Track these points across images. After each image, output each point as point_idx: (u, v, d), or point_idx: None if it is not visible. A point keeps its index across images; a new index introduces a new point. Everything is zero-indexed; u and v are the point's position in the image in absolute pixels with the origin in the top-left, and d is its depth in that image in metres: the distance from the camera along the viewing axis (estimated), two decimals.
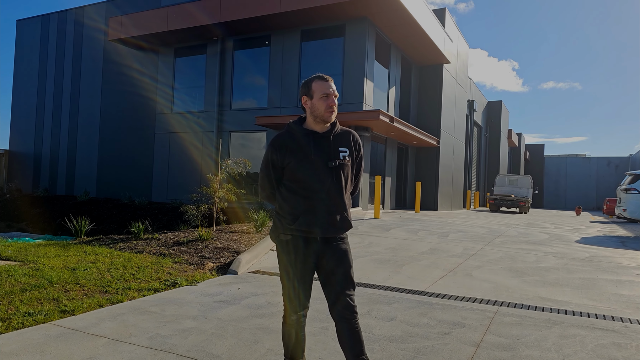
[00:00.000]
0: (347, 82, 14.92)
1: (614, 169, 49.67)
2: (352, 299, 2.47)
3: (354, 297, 2.49)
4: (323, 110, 2.48)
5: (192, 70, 18.35)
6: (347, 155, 2.53)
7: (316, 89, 2.50)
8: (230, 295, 4.70)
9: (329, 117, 2.49)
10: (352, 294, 2.48)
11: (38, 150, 22.32)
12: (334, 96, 2.50)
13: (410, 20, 15.02)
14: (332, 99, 2.48)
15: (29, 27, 23.13)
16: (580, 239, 10.28)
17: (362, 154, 2.67)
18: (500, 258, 7.00)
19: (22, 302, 4.12)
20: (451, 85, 21.34)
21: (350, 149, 2.57)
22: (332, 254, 2.49)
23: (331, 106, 2.48)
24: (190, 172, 17.52)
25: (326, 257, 2.49)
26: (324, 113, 2.48)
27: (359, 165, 2.66)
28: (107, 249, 6.89)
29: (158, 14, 17.12)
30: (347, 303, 2.44)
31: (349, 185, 2.58)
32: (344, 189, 2.51)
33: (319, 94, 2.49)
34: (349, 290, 2.47)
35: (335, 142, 2.53)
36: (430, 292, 4.96)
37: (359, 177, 2.69)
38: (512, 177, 26.33)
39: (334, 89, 2.52)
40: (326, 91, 2.48)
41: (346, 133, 2.61)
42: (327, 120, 2.50)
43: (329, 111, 2.48)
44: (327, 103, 2.47)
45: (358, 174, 2.68)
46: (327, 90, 2.48)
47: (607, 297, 4.94)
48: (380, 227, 10.22)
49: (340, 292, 2.46)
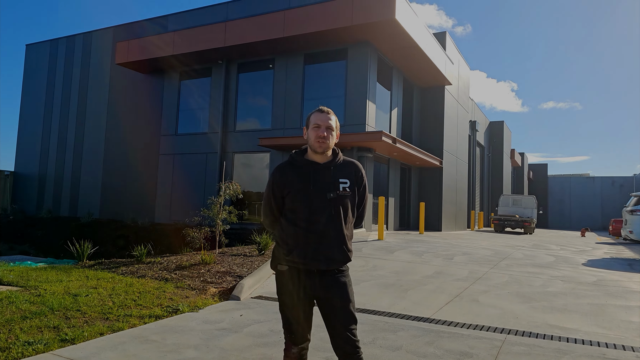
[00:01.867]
0: (350, 104, 15.02)
1: (618, 189, 49.43)
2: (354, 333, 2.41)
3: (355, 331, 2.43)
4: (313, 140, 2.50)
5: (196, 92, 18.53)
6: (347, 187, 2.51)
7: (311, 120, 2.54)
8: (232, 322, 4.63)
9: (318, 147, 2.49)
10: (353, 328, 2.42)
11: (43, 172, 22.43)
12: (325, 127, 2.49)
13: (411, 44, 15.18)
14: (322, 130, 2.49)
15: (38, 51, 23.51)
16: (587, 261, 10.15)
17: (365, 185, 2.63)
18: (507, 282, 6.90)
19: (22, 331, 4.07)
20: (453, 106, 21.45)
21: (351, 180, 2.54)
22: (330, 288, 2.44)
23: (320, 136, 2.48)
24: (193, 194, 17.53)
25: (324, 290, 2.44)
26: (313, 142, 2.50)
27: (362, 197, 2.62)
28: (109, 273, 6.84)
29: (164, 39, 17.39)
30: (348, 338, 2.39)
31: (349, 217, 2.53)
32: (343, 221, 2.47)
33: (311, 125, 2.52)
34: (349, 325, 2.41)
35: (335, 173, 2.51)
36: (436, 319, 4.88)
37: (362, 208, 2.65)
38: (516, 197, 26.20)
39: (329, 121, 2.51)
40: (317, 122, 2.50)
41: (348, 164, 2.60)
42: (316, 150, 2.50)
43: (317, 141, 2.49)
44: (317, 133, 2.49)
45: (361, 206, 2.64)
46: (318, 121, 2.51)
47: (617, 324, 4.84)
48: (384, 249, 10.13)
49: (340, 327, 2.40)
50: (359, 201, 2.61)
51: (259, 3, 16.62)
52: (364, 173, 2.64)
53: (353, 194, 2.54)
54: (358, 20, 13.67)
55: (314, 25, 14.32)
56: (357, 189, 2.58)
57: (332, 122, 2.53)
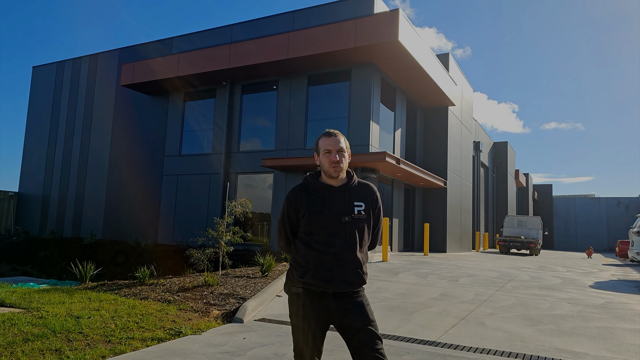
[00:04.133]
0: (353, 125, 15.09)
1: (624, 210, 49.15)
2: (382, 352, 2.35)
3: (383, 350, 2.37)
4: (327, 166, 2.50)
5: (200, 113, 18.68)
6: (362, 210, 2.50)
7: (321, 146, 2.54)
8: (235, 345, 4.57)
9: (333, 172, 2.49)
10: (380, 348, 2.36)
11: (47, 193, 22.50)
12: (337, 151, 2.49)
13: (414, 66, 15.33)
14: (334, 155, 2.49)
15: (44, 73, 23.84)
16: (595, 283, 10.03)
17: (380, 208, 2.62)
18: (513, 305, 6.81)
19: (24, 353, 4.03)
20: (456, 126, 21.52)
21: (366, 203, 2.54)
22: (348, 310, 2.40)
23: (334, 161, 2.48)
24: (196, 215, 17.53)
25: (341, 313, 2.40)
26: (328, 169, 2.50)
27: (377, 219, 2.61)
28: (111, 295, 6.80)
29: (169, 61, 17.62)
30: (376, 358, 2.33)
31: (365, 240, 2.52)
32: (357, 244, 2.45)
33: (322, 150, 2.53)
34: (375, 345, 2.35)
35: (350, 196, 2.51)
36: (442, 343, 4.80)
37: (377, 231, 2.63)
38: (522, 218, 26.06)
39: (340, 143, 2.51)
40: (328, 147, 2.51)
41: (363, 186, 2.59)
42: (332, 175, 2.50)
43: (332, 167, 2.49)
44: (330, 159, 2.49)
45: (376, 228, 2.62)
46: (328, 146, 2.51)
47: (626, 349, 4.75)
48: (389, 271, 10.04)
49: (366, 348, 2.34)
50: (374, 224, 2.60)
51: (263, 25, 16.87)
52: (379, 196, 2.63)
53: (368, 216, 2.54)
54: (361, 42, 13.83)
55: (317, 47, 14.49)
56: (372, 212, 2.57)
57: (342, 144, 2.53)
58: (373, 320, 2.41)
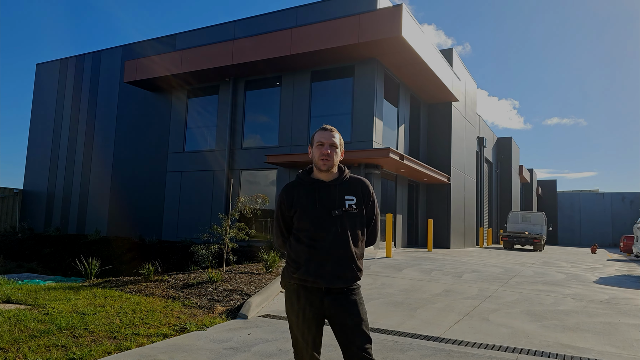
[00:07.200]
0: (357, 121, 15.07)
1: (629, 205, 48.93)
2: (369, 352, 2.36)
3: (370, 350, 2.37)
4: (317, 158, 2.52)
5: (204, 110, 18.68)
6: (353, 204, 2.49)
7: (315, 139, 2.56)
8: (240, 341, 4.60)
9: (322, 165, 2.50)
10: (368, 347, 2.37)
11: (51, 190, 22.60)
12: (329, 144, 2.51)
13: (418, 61, 15.27)
14: (325, 148, 2.50)
15: (48, 70, 23.90)
16: (599, 279, 10.00)
17: (373, 202, 2.60)
18: (517, 300, 6.81)
19: (30, 350, 4.06)
20: (460, 122, 21.45)
21: (358, 197, 2.52)
22: (340, 307, 2.40)
23: (324, 154, 2.50)
24: (200, 211, 17.57)
25: (334, 309, 2.41)
26: (317, 160, 2.52)
27: (371, 214, 2.59)
28: (116, 291, 6.83)
29: (172, 57, 17.62)
30: (363, 358, 2.34)
31: (358, 235, 2.50)
32: (349, 238, 2.45)
33: (315, 143, 2.55)
34: (363, 344, 2.36)
35: (341, 191, 2.51)
36: (446, 338, 4.81)
37: (372, 226, 2.61)
38: (525, 214, 25.98)
39: (333, 138, 2.53)
40: (321, 140, 2.53)
41: (355, 181, 2.59)
42: (320, 168, 2.51)
43: (321, 159, 2.50)
44: (321, 151, 2.51)
45: (371, 223, 2.60)
46: (321, 139, 2.53)
47: (631, 344, 4.75)
48: (393, 267, 10.05)
49: (354, 347, 2.36)
50: (368, 218, 2.58)
51: (266, 21, 16.84)
52: (372, 190, 2.62)
53: (360, 211, 2.52)
54: (365, 38, 13.78)
55: (320, 43, 14.45)
56: (365, 206, 2.56)
57: (335, 139, 2.54)
58: (364, 320, 2.42)
